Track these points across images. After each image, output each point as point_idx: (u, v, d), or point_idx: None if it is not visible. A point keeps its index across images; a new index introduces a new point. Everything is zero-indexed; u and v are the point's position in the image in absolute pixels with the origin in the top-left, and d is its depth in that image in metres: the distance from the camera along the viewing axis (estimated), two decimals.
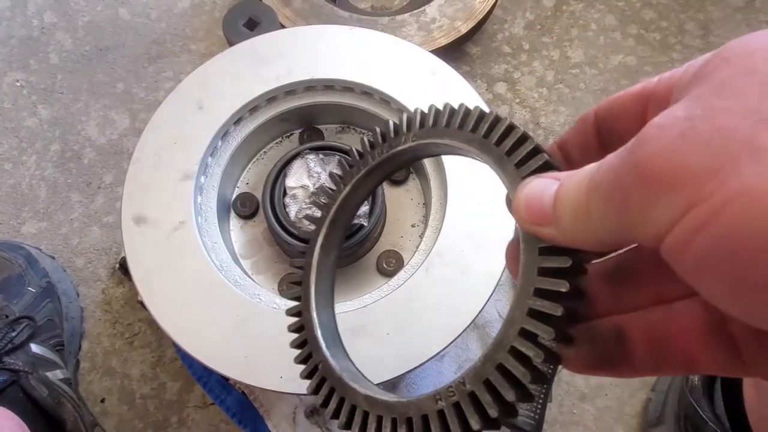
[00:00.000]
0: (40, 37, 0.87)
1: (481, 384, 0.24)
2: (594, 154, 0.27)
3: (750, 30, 0.86)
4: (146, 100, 0.84)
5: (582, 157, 0.28)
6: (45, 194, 0.79)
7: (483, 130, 0.28)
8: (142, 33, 0.87)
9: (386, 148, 0.33)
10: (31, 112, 0.83)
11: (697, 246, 0.18)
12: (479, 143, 0.28)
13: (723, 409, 0.58)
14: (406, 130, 0.32)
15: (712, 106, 0.18)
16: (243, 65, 0.57)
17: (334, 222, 0.36)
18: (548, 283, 0.23)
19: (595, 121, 0.27)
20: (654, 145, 0.18)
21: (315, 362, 0.32)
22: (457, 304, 0.50)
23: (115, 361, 0.72)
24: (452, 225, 0.52)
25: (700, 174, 0.17)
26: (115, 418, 0.70)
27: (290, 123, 0.61)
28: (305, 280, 0.35)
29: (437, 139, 0.30)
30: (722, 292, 0.18)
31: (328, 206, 0.36)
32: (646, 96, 0.25)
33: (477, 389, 0.24)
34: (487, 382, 0.24)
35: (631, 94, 0.25)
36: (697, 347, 0.24)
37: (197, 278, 0.50)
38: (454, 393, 0.25)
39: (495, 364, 0.24)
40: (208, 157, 0.55)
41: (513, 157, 0.26)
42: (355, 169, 0.34)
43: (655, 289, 0.26)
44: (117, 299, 0.75)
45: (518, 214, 0.24)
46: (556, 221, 0.22)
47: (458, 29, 0.77)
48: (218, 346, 0.48)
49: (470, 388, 0.24)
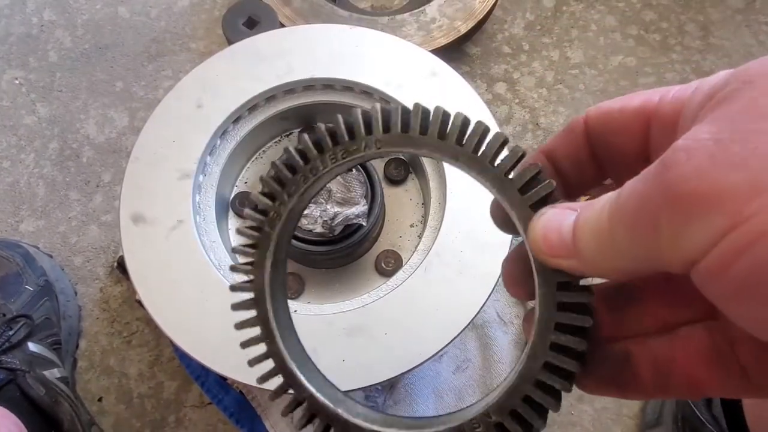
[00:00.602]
0: (40, 34, 0.87)
1: (508, 415, 0.25)
2: (587, 166, 0.27)
3: (750, 31, 0.86)
4: (145, 99, 0.83)
5: (573, 169, 0.27)
6: (43, 192, 0.79)
7: (472, 144, 0.25)
8: (141, 31, 0.87)
9: (341, 154, 0.27)
10: (29, 110, 0.83)
11: (737, 269, 0.17)
12: (470, 159, 0.25)
13: (720, 410, 0.58)
14: (366, 132, 0.27)
15: (742, 128, 0.18)
16: (242, 64, 0.57)
17: (280, 243, 0.29)
18: (571, 318, 0.23)
19: (586, 131, 0.26)
20: (684, 168, 0.18)
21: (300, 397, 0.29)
22: (456, 304, 0.50)
23: (112, 360, 0.72)
24: (451, 225, 0.52)
25: (738, 195, 0.17)
26: (113, 417, 0.70)
27: (289, 122, 0.61)
28: (262, 316, 0.30)
29: (412, 149, 0.26)
30: (763, 315, 0.18)
31: (271, 221, 0.29)
32: (647, 114, 0.24)
33: (505, 420, 0.25)
34: (514, 413, 0.25)
35: (630, 110, 0.25)
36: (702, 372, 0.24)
37: (195, 277, 0.50)
38: (478, 425, 0.25)
39: (521, 396, 0.24)
40: (207, 155, 0.55)
41: (515, 181, 0.24)
42: (300, 176, 0.28)
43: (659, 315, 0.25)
44: (115, 298, 0.74)
45: (536, 246, 0.23)
46: (577, 253, 0.22)
47: (458, 29, 0.77)
48: (216, 345, 0.48)
49: (497, 419, 0.25)
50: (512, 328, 0.70)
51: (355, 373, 0.48)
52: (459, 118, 0.26)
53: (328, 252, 0.53)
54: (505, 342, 0.69)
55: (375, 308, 0.50)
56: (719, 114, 0.19)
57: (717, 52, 0.86)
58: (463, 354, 0.69)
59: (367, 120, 0.27)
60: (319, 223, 0.52)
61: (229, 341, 0.49)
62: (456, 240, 0.51)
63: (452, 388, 0.68)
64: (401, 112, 0.26)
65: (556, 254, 0.22)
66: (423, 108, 0.26)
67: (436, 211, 0.55)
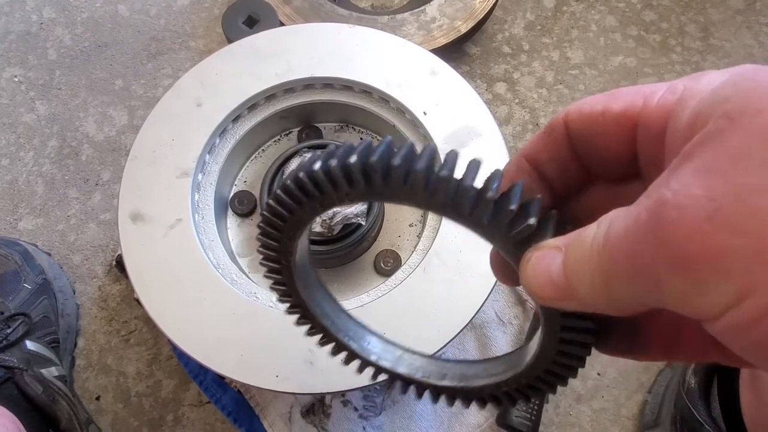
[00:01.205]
0: (39, 32, 0.87)
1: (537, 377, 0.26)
2: (571, 168, 0.26)
3: (750, 32, 0.86)
4: (145, 97, 0.83)
5: (557, 172, 0.26)
6: (42, 190, 0.79)
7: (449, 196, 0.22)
8: (141, 30, 0.87)
9: (318, 206, 0.25)
10: (29, 108, 0.83)
11: (757, 333, 0.17)
12: (453, 210, 0.23)
13: (719, 411, 0.58)
14: (348, 186, 0.24)
15: (734, 182, 0.17)
16: (242, 63, 0.57)
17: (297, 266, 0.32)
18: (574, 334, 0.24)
19: (567, 133, 0.25)
20: (682, 230, 0.18)
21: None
22: (455, 304, 0.49)
23: (110, 358, 0.72)
24: (450, 225, 0.52)
25: (748, 260, 0.17)
26: (110, 416, 0.70)
27: (289, 121, 0.60)
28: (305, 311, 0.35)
29: (383, 199, 0.24)
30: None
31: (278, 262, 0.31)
32: (632, 118, 0.23)
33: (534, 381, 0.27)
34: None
35: (614, 114, 0.24)
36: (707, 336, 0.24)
37: (194, 276, 0.50)
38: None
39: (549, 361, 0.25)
40: (206, 154, 0.55)
41: (497, 224, 0.22)
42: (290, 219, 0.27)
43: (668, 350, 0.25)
44: (113, 296, 0.74)
45: (531, 292, 0.23)
46: (573, 294, 0.21)
47: (458, 29, 0.76)
48: (214, 345, 0.48)
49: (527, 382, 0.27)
50: (511, 329, 0.70)
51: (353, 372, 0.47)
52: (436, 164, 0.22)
53: (326, 251, 0.53)
54: (503, 342, 0.69)
55: (374, 308, 0.50)
56: (705, 158, 0.18)
57: (717, 53, 0.86)
58: (461, 354, 0.69)
59: (347, 171, 0.23)
60: (318, 223, 0.52)
61: (227, 340, 0.49)
62: (455, 240, 0.51)
63: None
64: (379, 160, 0.23)
65: (552, 298, 0.22)
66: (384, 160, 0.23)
67: None
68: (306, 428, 0.64)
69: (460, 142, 0.54)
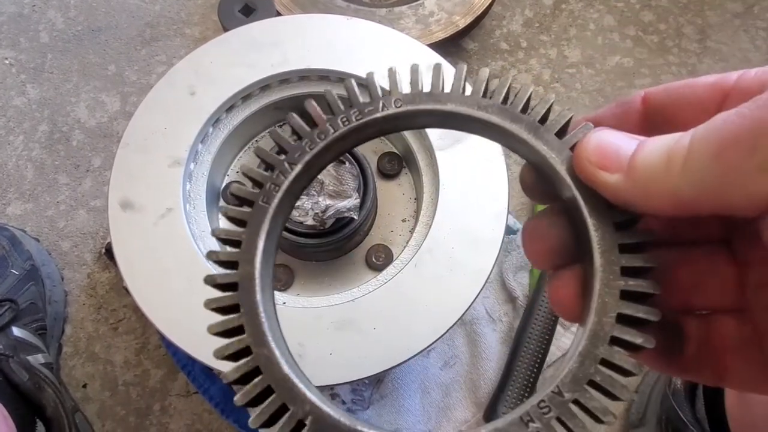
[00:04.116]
0: (31, 14, 0.86)
1: (583, 388, 0.21)
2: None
3: (747, 36, 0.87)
4: (138, 84, 0.82)
5: None
6: (32, 175, 0.78)
7: (500, 96, 0.24)
8: (135, 15, 0.86)
9: (355, 116, 0.26)
10: (19, 92, 0.82)
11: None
12: (499, 110, 0.24)
13: (704, 412, 0.58)
14: (382, 93, 0.26)
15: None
16: (237, 52, 0.56)
17: (276, 216, 0.25)
18: (639, 259, 0.21)
19: (644, 107, 0.25)
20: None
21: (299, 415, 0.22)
22: (446, 300, 0.49)
23: (98, 346, 0.71)
24: (443, 221, 0.52)
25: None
26: (97, 404, 0.69)
27: (283, 112, 0.60)
28: (247, 302, 0.24)
29: (436, 105, 0.25)
30: None
31: (268, 193, 0.25)
32: (724, 90, 0.23)
33: (581, 395, 0.21)
34: (593, 384, 0.21)
35: (703, 84, 0.24)
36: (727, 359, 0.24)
37: (183, 266, 0.50)
38: (548, 408, 0.21)
39: (597, 361, 0.21)
40: (199, 143, 0.55)
41: (551, 126, 0.23)
42: (306, 142, 0.25)
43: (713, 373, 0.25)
44: (102, 284, 0.74)
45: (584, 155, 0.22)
46: (629, 170, 0.21)
47: (456, 24, 0.76)
48: (202, 335, 0.48)
49: (572, 397, 0.21)
50: (501, 326, 0.70)
51: (342, 367, 0.47)
52: (483, 74, 0.25)
53: (318, 244, 0.52)
54: (493, 339, 0.69)
55: (364, 302, 0.50)
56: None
57: (714, 56, 0.86)
58: (451, 350, 0.69)
59: (391, 79, 0.26)
60: (311, 216, 0.51)
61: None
62: (447, 236, 0.51)
63: (439, 384, 0.68)
64: (418, 72, 0.25)
65: (604, 165, 0.21)
66: (442, 66, 0.25)
67: (428, 207, 0.54)
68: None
69: (455, 138, 0.54)
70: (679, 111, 0.24)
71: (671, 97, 0.24)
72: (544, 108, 0.24)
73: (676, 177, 0.19)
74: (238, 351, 0.23)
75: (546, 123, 0.24)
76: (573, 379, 0.21)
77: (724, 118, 0.19)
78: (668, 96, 0.24)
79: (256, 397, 0.22)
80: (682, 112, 0.24)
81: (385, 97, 0.26)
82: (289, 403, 0.22)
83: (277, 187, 0.25)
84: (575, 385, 0.21)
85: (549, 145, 0.23)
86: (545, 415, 0.21)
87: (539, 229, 0.26)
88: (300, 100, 0.59)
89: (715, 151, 0.19)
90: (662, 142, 0.20)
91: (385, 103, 0.25)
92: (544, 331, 0.67)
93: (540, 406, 0.21)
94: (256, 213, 0.24)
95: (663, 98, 0.25)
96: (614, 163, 0.21)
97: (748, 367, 0.23)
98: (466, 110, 0.24)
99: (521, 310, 0.70)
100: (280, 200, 0.25)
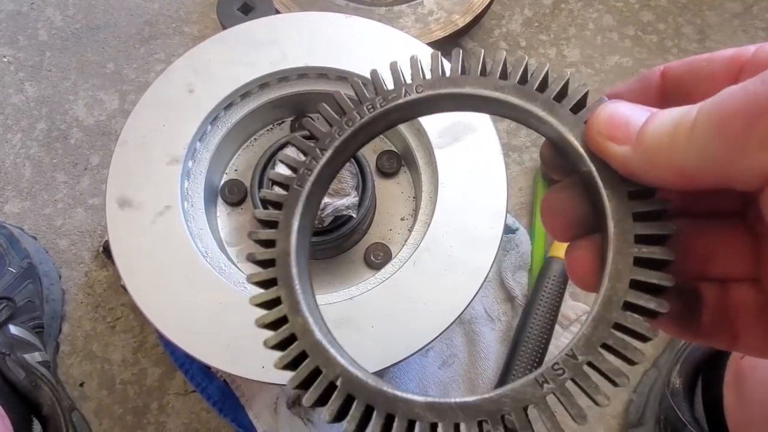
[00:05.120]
0: (30, 12, 0.85)
1: (597, 351, 0.21)
2: None
3: (746, 36, 0.87)
4: (136, 82, 0.82)
5: None
6: (29, 173, 0.78)
7: (517, 76, 0.25)
8: (134, 13, 0.86)
9: (380, 102, 0.27)
10: (17, 89, 0.82)
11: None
12: (516, 89, 0.25)
13: (702, 412, 0.58)
14: (405, 80, 0.27)
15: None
16: (236, 50, 0.56)
17: (310, 198, 0.27)
18: (653, 227, 0.22)
19: (663, 81, 0.25)
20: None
21: (331, 377, 0.25)
22: (444, 298, 0.49)
23: (95, 345, 0.71)
24: (442, 219, 0.52)
25: None
26: (94, 403, 0.69)
27: (282, 110, 0.60)
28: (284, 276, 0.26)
29: (454, 89, 0.26)
30: None
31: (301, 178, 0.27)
32: (740, 63, 0.23)
33: (595, 358, 0.21)
34: (606, 347, 0.21)
35: (721, 58, 0.24)
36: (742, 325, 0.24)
37: (181, 264, 0.50)
38: (563, 370, 0.21)
39: (611, 325, 0.21)
40: (197, 141, 0.55)
41: (566, 102, 0.24)
42: (336, 128, 0.27)
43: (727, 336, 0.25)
44: (100, 282, 0.74)
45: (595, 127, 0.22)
46: (637, 142, 0.21)
47: (455, 23, 0.76)
48: (200, 334, 0.48)
49: (585, 359, 0.21)
50: (499, 325, 0.70)
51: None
52: (500, 56, 0.26)
53: (316, 243, 0.52)
54: (491, 338, 0.69)
55: (362, 301, 0.50)
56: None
57: None
58: (449, 349, 0.69)
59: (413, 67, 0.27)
60: None
61: (214, 330, 0.48)
62: (446, 235, 0.51)
63: (437, 383, 0.68)
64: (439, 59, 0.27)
65: (613, 136, 0.21)
66: (461, 51, 0.27)
67: (427, 205, 0.54)
68: (291, 419, 0.64)
69: (454, 136, 0.54)
70: (696, 85, 0.24)
71: (689, 71, 0.25)
72: (559, 85, 0.25)
73: (681, 149, 0.20)
74: (276, 320, 0.26)
75: (562, 100, 0.25)
76: (587, 342, 0.21)
77: (730, 92, 0.19)
78: (687, 70, 0.25)
79: (292, 361, 0.25)
80: (699, 86, 0.24)
81: (407, 84, 0.27)
82: (322, 366, 0.24)
83: (310, 171, 0.27)
84: (589, 348, 0.21)
85: (564, 120, 0.24)
86: (559, 377, 0.21)
87: (558, 202, 0.26)
88: (298, 98, 0.58)
89: (718, 125, 0.19)
90: (671, 115, 0.21)
91: (407, 90, 0.27)
92: (542, 331, 0.67)
93: (554, 368, 0.21)
94: (292, 196, 0.27)
95: (682, 72, 0.25)
96: (623, 134, 0.21)
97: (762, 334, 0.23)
98: (484, 92, 0.26)
99: (520, 310, 0.70)
100: (312, 183, 0.27)
